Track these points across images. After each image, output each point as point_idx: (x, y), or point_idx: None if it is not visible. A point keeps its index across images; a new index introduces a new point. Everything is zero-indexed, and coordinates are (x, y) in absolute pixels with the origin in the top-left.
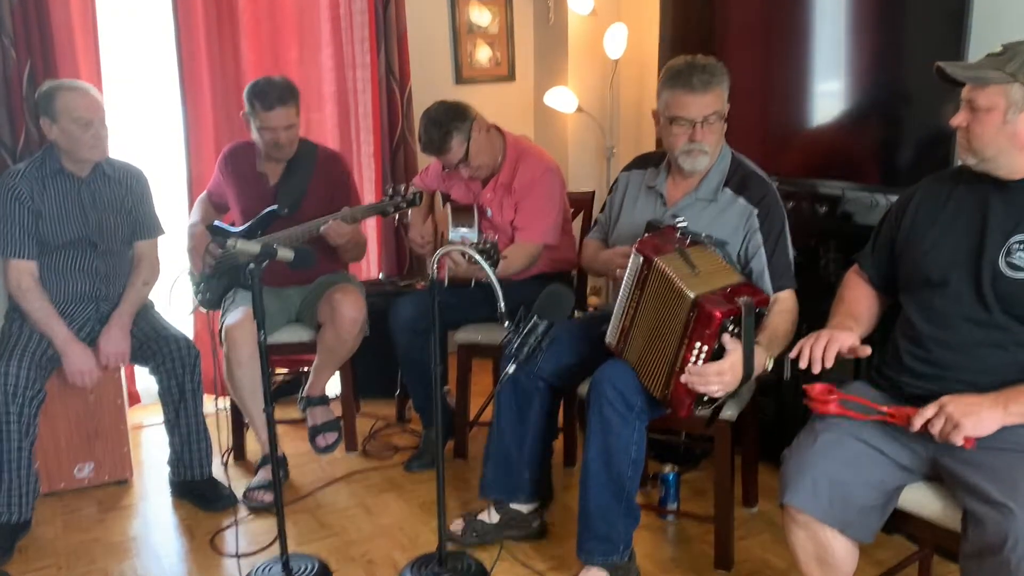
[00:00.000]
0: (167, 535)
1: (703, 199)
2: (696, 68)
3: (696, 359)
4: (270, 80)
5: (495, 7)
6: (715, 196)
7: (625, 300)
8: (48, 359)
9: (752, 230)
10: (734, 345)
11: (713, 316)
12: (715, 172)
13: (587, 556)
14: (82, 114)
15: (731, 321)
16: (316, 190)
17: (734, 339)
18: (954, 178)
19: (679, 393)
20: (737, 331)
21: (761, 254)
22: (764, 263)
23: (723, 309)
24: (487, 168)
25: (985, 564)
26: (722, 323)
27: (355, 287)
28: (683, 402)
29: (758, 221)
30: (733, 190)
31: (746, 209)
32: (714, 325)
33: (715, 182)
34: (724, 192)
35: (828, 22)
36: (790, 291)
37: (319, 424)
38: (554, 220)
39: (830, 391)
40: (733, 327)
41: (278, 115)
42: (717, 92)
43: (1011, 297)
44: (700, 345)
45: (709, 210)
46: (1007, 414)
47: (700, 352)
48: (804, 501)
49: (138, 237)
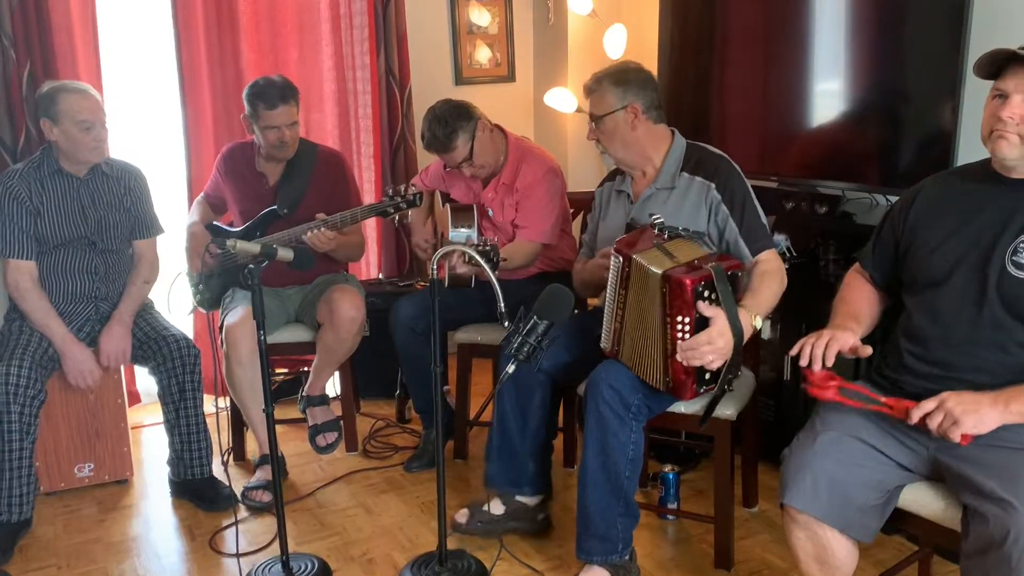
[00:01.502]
0: (167, 535)
1: (663, 188)
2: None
3: (683, 334)
4: (269, 79)
5: (495, 8)
6: (673, 183)
7: (612, 301)
8: (49, 359)
9: (715, 203)
10: (715, 311)
11: (683, 283)
12: (671, 161)
13: (586, 555)
14: (85, 117)
15: (704, 287)
16: (316, 190)
17: (714, 306)
18: (958, 177)
19: (678, 376)
20: (714, 297)
21: (731, 224)
22: (736, 232)
23: (692, 276)
24: (490, 167)
25: (986, 560)
26: (694, 289)
27: (354, 287)
28: (685, 384)
29: (718, 194)
30: (689, 172)
31: (703, 185)
32: (687, 293)
33: (672, 170)
34: (681, 176)
35: (828, 22)
36: (771, 251)
37: (319, 424)
38: (555, 220)
39: (830, 377)
40: (708, 292)
41: (282, 113)
42: (598, 95)
43: (1015, 297)
44: (681, 318)
45: (672, 197)
46: (1007, 413)
47: (684, 326)
48: (804, 501)
49: (137, 236)
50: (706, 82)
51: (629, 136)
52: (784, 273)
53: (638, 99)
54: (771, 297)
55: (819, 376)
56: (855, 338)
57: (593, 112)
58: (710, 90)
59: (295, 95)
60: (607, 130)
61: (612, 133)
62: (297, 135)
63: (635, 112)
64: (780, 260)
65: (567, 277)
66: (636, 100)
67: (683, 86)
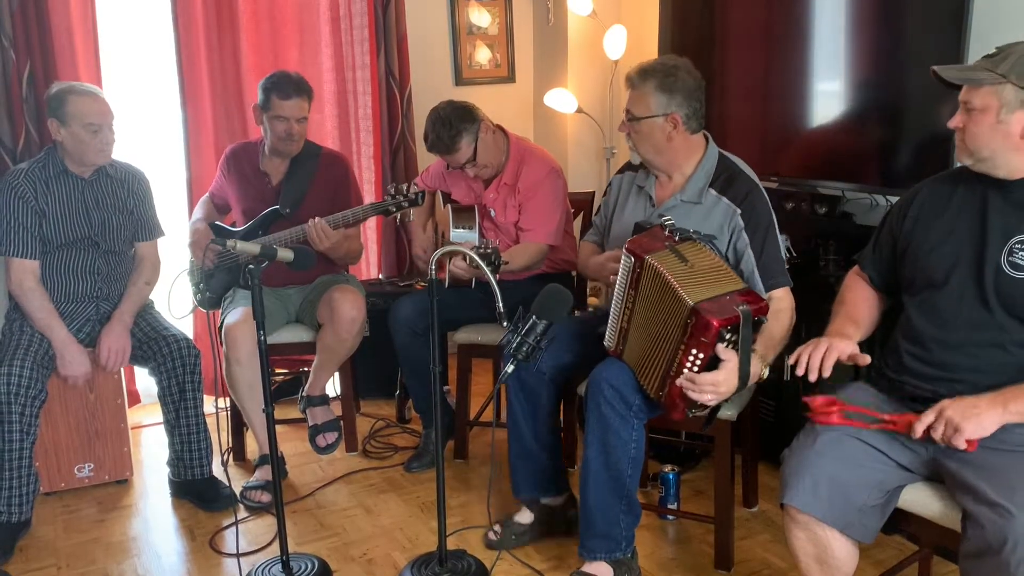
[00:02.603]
0: (167, 535)
1: (688, 201)
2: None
3: (692, 366)
4: (287, 73)
5: (495, 8)
6: (700, 198)
7: (620, 301)
8: (49, 359)
9: (737, 230)
10: (730, 355)
11: (711, 325)
12: (700, 174)
13: (589, 554)
14: (93, 120)
15: (728, 330)
16: (318, 191)
17: (730, 349)
18: (955, 179)
19: (673, 396)
20: (734, 339)
21: (749, 255)
22: (753, 264)
23: (721, 319)
24: (492, 168)
25: (984, 565)
26: (719, 332)
27: (354, 287)
28: (677, 405)
29: (742, 221)
30: (717, 191)
31: (729, 209)
32: (711, 334)
33: (700, 184)
34: (708, 193)
35: (828, 22)
36: (785, 289)
37: (319, 424)
38: (559, 221)
39: (831, 403)
40: (730, 335)
41: (294, 105)
42: (641, 93)
43: (1013, 297)
44: (696, 352)
45: (695, 212)
46: (1007, 413)
47: (696, 359)
48: (804, 501)
49: (139, 238)
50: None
51: (664, 144)
52: (794, 311)
53: (681, 109)
54: (782, 338)
55: (820, 403)
56: (853, 346)
57: (631, 109)
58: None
59: (309, 93)
60: (642, 132)
61: (647, 137)
62: (305, 132)
63: (675, 123)
64: (792, 298)
65: (568, 278)
66: (679, 110)
67: None
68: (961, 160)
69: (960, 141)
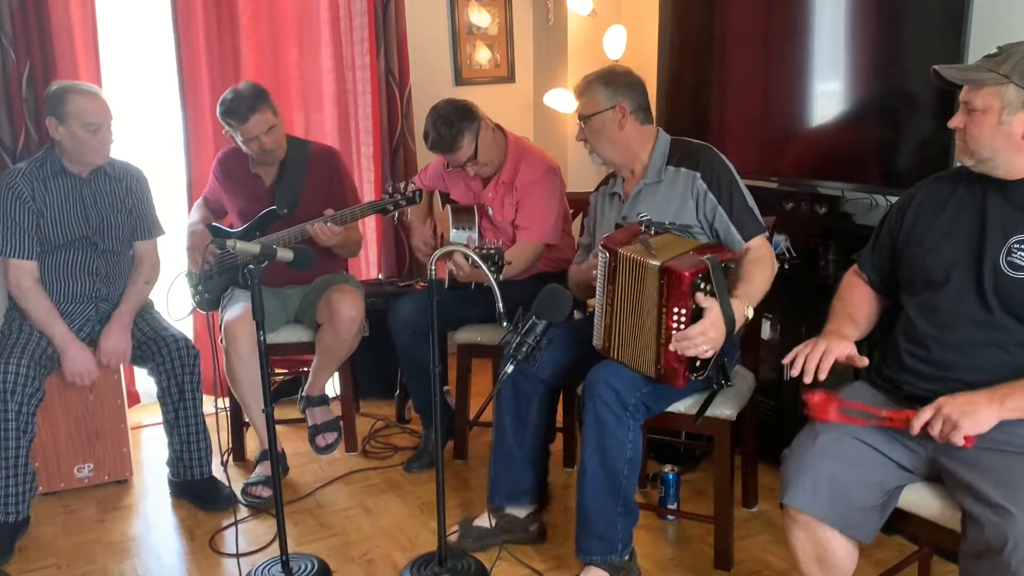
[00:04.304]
0: (167, 535)
1: (651, 183)
2: None
3: (678, 324)
4: (236, 92)
5: (494, 8)
6: (660, 176)
7: (601, 297)
8: (48, 358)
9: (701, 192)
10: (710, 302)
11: (683, 276)
12: (656, 156)
13: (585, 555)
14: (92, 119)
15: (701, 279)
16: (312, 187)
17: (708, 296)
18: (955, 178)
19: (671, 364)
20: (709, 288)
21: (720, 212)
22: (727, 220)
23: (691, 269)
24: (492, 167)
25: (984, 565)
26: (692, 281)
27: (354, 287)
28: (677, 372)
29: (704, 183)
30: (674, 165)
31: (689, 175)
32: (685, 285)
33: (658, 164)
34: (667, 170)
35: (828, 22)
36: (761, 238)
37: (319, 424)
38: (555, 219)
39: (830, 400)
40: (705, 284)
41: (255, 123)
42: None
43: (1012, 297)
44: (678, 309)
45: (660, 190)
46: (1004, 409)
47: (680, 316)
48: (804, 501)
49: (138, 237)
50: (706, 82)
51: (617, 135)
52: (774, 258)
53: (626, 99)
54: (763, 284)
55: (818, 400)
56: (851, 346)
57: (582, 112)
58: (710, 90)
59: (265, 99)
60: (595, 129)
61: (600, 132)
62: (280, 138)
63: (623, 111)
64: (769, 245)
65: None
66: (624, 100)
67: (683, 86)
68: (961, 160)
69: (961, 141)
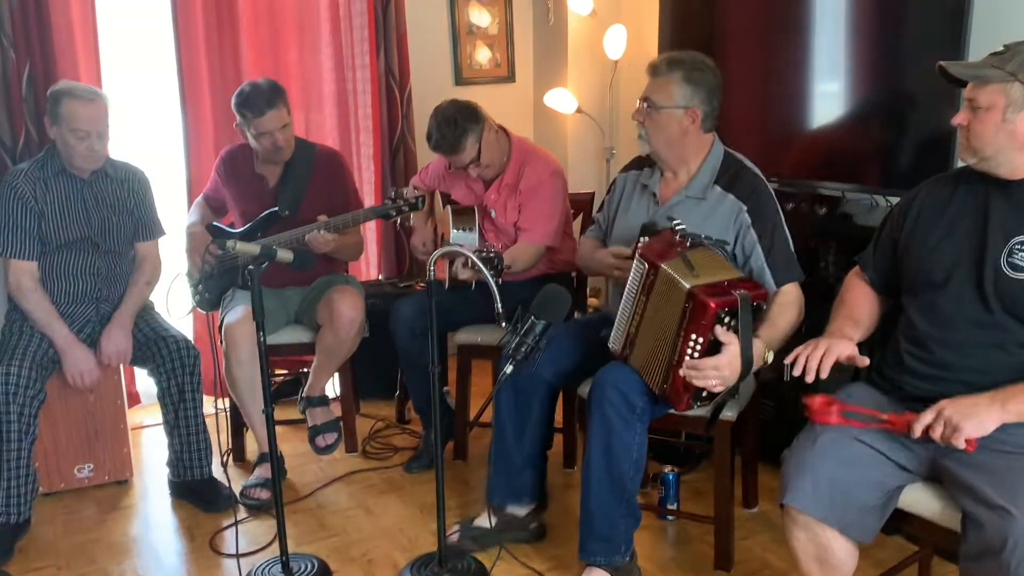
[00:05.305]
0: (167, 535)
1: (693, 197)
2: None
3: (692, 352)
4: (254, 85)
5: (495, 8)
6: (704, 194)
7: (631, 307)
8: (49, 359)
9: (744, 227)
10: (730, 338)
11: (708, 306)
12: (705, 169)
13: (589, 557)
14: (80, 125)
15: (727, 313)
16: (315, 190)
17: (730, 332)
18: (956, 179)
19: (677, 387)
20: (734, 324)
21: (758, 251)
22: (763, 260)
23: (718, 300)
24: (495, 168)
25: (984, 566)
26: (717, 314)
27: (354, 288)
28: (681, 396)
29: (749, 218)
30: (723, 187)
31: (735, 206)
32: (709, 316)
33: (705, 179)
34: (713, 189)
35: (828, 22)
36: (794, 284)
37: (319, 425)
38: (558, 222)
39: (830, 403)
40: (729, 319)
41: (271, 118)
42: (665, 81)
43: (1013, 298)
44: (696, 337)
45: (700, 208)
46: (1005, 412)
47: (696, 344)
48: (804, 502)
49: (140, 238)
50: None
51: (677, 138)
52: (803, 304)
53: (703, 106)
54: (787, 329)
55: (819, 403)
56: (852, 347)
57: (652, 99)
58: None
59: (282, 97)
60: (659, 122)
61: (662, 128)
62: (291, 137)
63: (694, 117)
64: (801, 291)
65: (568, 279)
66: (701, 107)
67: None
68: (964, 158)
69: (963, 139)
